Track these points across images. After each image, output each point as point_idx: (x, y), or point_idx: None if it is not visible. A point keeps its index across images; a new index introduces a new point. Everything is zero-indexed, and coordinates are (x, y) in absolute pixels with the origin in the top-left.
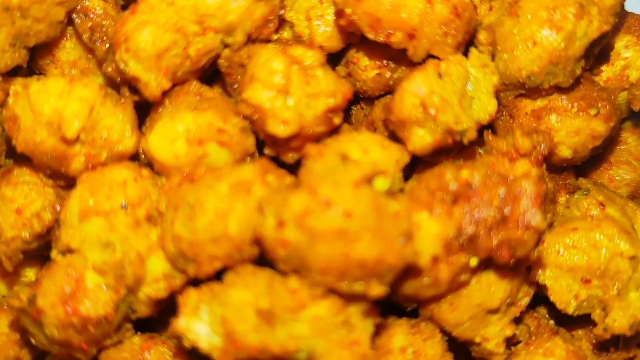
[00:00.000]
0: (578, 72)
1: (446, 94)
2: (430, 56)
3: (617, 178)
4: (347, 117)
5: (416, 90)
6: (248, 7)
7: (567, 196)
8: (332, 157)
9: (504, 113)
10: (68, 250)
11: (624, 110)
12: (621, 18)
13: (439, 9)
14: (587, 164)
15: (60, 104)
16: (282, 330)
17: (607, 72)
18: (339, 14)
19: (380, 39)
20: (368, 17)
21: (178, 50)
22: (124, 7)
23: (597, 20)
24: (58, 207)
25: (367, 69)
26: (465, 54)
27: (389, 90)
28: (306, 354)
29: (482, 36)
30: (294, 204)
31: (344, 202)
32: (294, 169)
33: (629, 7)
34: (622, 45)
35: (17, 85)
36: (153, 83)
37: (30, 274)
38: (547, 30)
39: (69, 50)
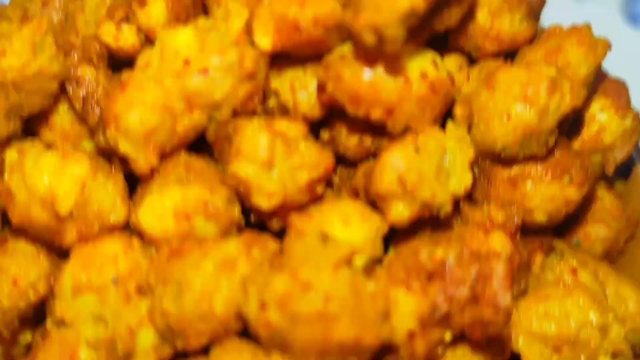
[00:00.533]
0: (552, 142)
1: (423, 169)
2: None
3: (592, 235)
4: (330, 179)
5: (394, 165)
6: (233, 86)
7: (543, 257)
8: (312, 238)
9: (481, 178)
10: (62, 323)
11: (598, 173)
12: (598, 80)
13: (417, 87)
14: (563, 221)
15: (53, 181)
16: None
17: (582, 135)
18: (321, 89)
19: (360, 114)
20: (348, 94)
21: (166, 127)
22: (115, 67)
23: (569, 95)
24: (52, 279)
25: (349, 136)
26: (444, 123)
27: (372, 154)
28: None
29: (458, 111)
30: (276, 286)
31: (324, 285)
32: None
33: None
34: (598, 108)
35: (12, 151)
36: (142, 161)
37: (27, 335)
38: (520, 106)
39: (62, 115)
